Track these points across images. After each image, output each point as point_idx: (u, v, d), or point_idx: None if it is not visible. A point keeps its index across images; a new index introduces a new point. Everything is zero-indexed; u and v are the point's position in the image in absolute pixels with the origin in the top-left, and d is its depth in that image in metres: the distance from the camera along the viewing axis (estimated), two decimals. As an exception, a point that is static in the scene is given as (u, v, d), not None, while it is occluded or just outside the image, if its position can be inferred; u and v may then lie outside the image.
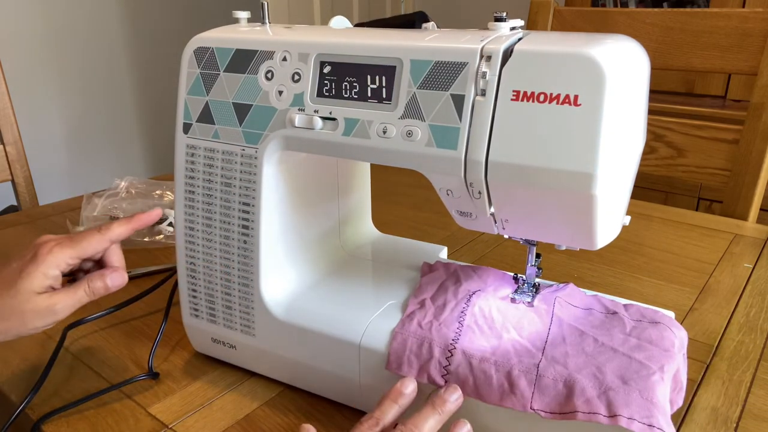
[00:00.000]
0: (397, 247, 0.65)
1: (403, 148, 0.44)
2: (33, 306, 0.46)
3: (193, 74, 0.53)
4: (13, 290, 0.46)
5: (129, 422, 0.51)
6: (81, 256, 0.50)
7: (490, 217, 0.46)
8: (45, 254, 0.47)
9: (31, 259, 0.47)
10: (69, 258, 0.48)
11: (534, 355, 0.44)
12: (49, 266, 0.47)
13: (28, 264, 0.47)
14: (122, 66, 2.35)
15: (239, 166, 0.52)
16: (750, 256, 0.79)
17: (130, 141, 2.45)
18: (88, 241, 0.50)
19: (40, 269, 0.47)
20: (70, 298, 0.48)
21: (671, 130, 1.02)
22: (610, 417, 0.39)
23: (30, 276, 0.46)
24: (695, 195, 1.66)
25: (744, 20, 0.94)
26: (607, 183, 0.39)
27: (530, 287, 0.52)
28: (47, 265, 0.47)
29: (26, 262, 0.47)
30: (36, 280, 0.46)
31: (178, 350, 0.61)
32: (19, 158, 1.13)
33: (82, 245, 0.49)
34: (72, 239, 0.49)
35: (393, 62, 0.44)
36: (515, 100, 0.40)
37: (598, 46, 0.38)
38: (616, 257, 0.79)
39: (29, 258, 0.47)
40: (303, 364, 0.52)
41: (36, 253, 0.47)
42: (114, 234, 0.51)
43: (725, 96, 1.72)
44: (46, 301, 0.47)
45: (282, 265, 0.55)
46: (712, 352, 0.59)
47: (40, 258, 0.47)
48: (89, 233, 0.50)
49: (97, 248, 0.51)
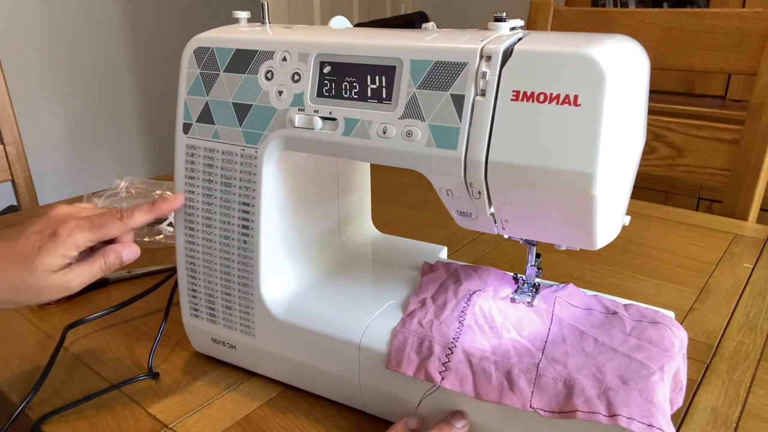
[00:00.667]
0: (397, 247, 0.65)
1: (403, 148, 0.44)
2: (49, 283, 0.47)
3: (193, 74, 0.53)
4: (31, 266, 0.46)
5: (129, 422, 0.51)
6: (100, 239, 0.50)
7: (490, 217, 0.46)
8: (65, 236, 0.47)
9: (51, 237, 0.47)
10: (88, 241, 0.49)
11: (534, 354, 0.44)
12: (69, 248, 0.47)
13: (47, 241, 0.47)
14: (122, 66, 2.35)
15: (239, 166, 0.52)
16: (750, 256, 0.79)
17: (130, 141, 2.45)
18: (109, 228, 0.50)
19: (59, 250, 0.47)
20: (86, 275, 0.49)
21: (671, 130, 1.02)
22: (610, 417, 0.39)
23: (49, 255, 0.47)
24: (695, 195, 1.66)
25: (744, 20, 0.94)
26: (607, 183, 0.39)
27: (530, 287, 0.52)
28: (66, 247, 0.47)
29: (45, 239, 0.47)
30: (55, 259, 0.47)
31: (178, 350, 0.61)
32: (19, 158, 1.13)
33: (104, 231, 0.49)
34: (92, 223, 0.49)
35: (393, 62, 0.44)
36: (515, 100, 0.40)
37: (598, 46, 0.38)
38: (616, 257, 0.79)
39: (48, 234, 0.47)
40: (303, 364, 0.52)
41: (56, 232, 0.47)
42: (136, 222, 0.51)
43: (725, 96, 1.72)
44: (62, 278, 0.47)
45: (282, 265, 0.55)
46: (712, 352, 0.59)
47: (60, 238, 0.47)
48: (111, 218, 0.50)
49: (117, 234, 0.51)
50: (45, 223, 0.48)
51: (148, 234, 0.85)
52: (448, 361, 0.45)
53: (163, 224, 0.86)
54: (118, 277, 0.74)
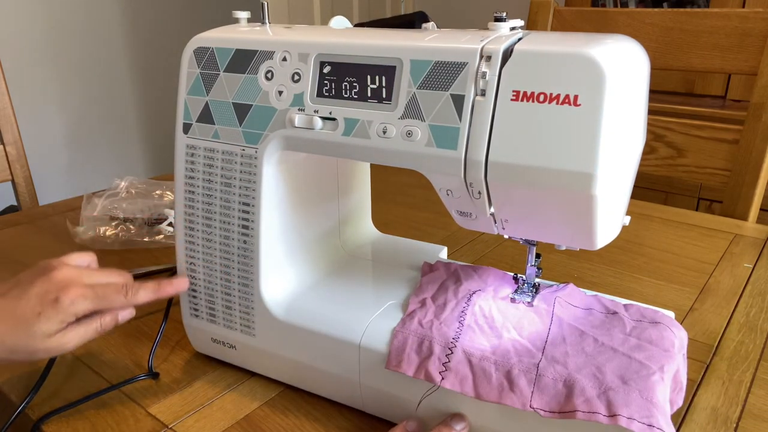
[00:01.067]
0: (397, 247, 0.65)
1: (403, 148, 0.44)
2: (46, 346, 0.47)
3: (193, 74, 0.53)
4: (30, 331, 0.46)
5: (129, 422, 0.51)
6: (101, 309, 0.50)
7: (490, 217, 0.46)
8: (67, 304, 0.47)
9: (52, 303, 0.47)
10: (89, 311, 0.49)
11: (534, 354, 0.44)
12: (69, 315, 0.48)
13: (47, 307, 0.47)
14: (122, 66, 2.35)
15: (239, 166, 0.52)
16: (750, 256, 0.79)
17: (130, 141, 2.45)
18: (112, 301, 0.50)
19: (59, 316, 0.47)
20: (81, 337, 0.49)
21: (671, 130, 1.02)
22: (610, 417, 0.39)
23: (49, 321, 0.47)
24: (695, 195, 1.66)
25: (744, 20, 0.94)
26: (607, 183, 0.39)
27: (530, 287, 0.52)
28: (67, 314, 0.47)
29: (46, 304, 0.47)
30: (54, 325, 0.47)
31: (178, 350, 0.61)
32: (19, 158, 1.13)
33: (105, 303, 0.49)
34: (96, 294, 0.49)
35: (393, 62, 0.44)
36: (515, 100, 0.40)
37: (598, 46, 0.38)
38: (616, 257, 0.79)
39: (50, 300, 0.47)
40: (303, 364, 0.52)
41: (58, 299, 0.47)
42: (138, 300, 0.51)
43: (725, 96, 1.72)
44: (58, 341, 0.48)
45: (282, 265, 0.55)
46: (712, 352, 0.59)
47: (61, 306, 0.47)
48: (115, 293, 0.50)
49: (118, 308, 0.51)
50: (47, 285, 0.48)
51: (148, 234, 0.85)
52: (448, 361, 0.45)
53: (163, 224, 0.86)
54: (118, 277, 0.74)
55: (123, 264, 0.79)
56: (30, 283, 0.48)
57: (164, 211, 0.87)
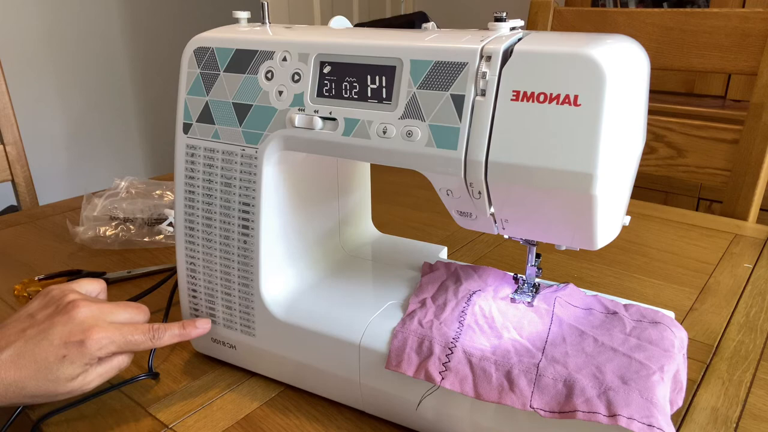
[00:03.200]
0: (397, 247, 0.65)
1: (403, 148, 0.44)
2: (68, 389, 0.46)
3: (193, 74, 0.53)
4: (53, 376, 0.45)
5: (129, 422, 0.51)
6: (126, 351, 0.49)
7: (490, 217, 0.46)
8: (95, 349, 0.46)
9: (78, 346, 0.46)
10: (113, 353, 0.48)
11: (534, 354, 0.44)
12: (94, 358, 0.47)
13: (72, 351, 0.46)
14: (122, 66, 2.35)
15: (239, 166, 0.52)
16: (750, 256, 0.79)
17: (130, 141, 2.45)
18: (138, 345, 0.49)
19: (84, 360, 0.46)
20: (102, 376, 0.48)
21: (671, 130, 1.02)
22: (610, 417, 0.39)
23: (73, 364, 0.46)
24: (695, 195, 1.66)
25: (744, 20, 0.94)
26: (607, 183, 0.39)
27: (530, 287, 0.52)
28: (92, 358, 0.46)
29: (71, 348, 0.46)
30: (77, 369, 0.46)
31: (178, 350, 0.61)
32: (19, 158, 1.13)
33: (132, 347, 0.49)
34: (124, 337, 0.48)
35: (393, 62, 0.44)
36: (515, 100, 0.40)
37: (598, 46, 0.38)
38: (616, 257, 0.79)
39: (75, 343, 0.46)
40: (303, 364, 0.52)
41: (83, 342, 0.46)
42: (163, 343, 0.50)
43: (725, 96, 1.72)
44: (80, 383, 0.47)
45: (282, 265, 0.55)
46: (712, 352, 0.59)
47: (88, 350, 0.46)
48: (142, 337, 0.49)
49: (142, 350, 0.51)
50: (70, 325, 0.46)
51: (148, 234, 0.85)
52: (448, 361, 0.45)
53: (163, 224, 0.86)
54: (118, 277, 0.74)
55: (123, 264, 0.79)
56: (49, 322, 0.47)
57: (164, 211, 0.87)
